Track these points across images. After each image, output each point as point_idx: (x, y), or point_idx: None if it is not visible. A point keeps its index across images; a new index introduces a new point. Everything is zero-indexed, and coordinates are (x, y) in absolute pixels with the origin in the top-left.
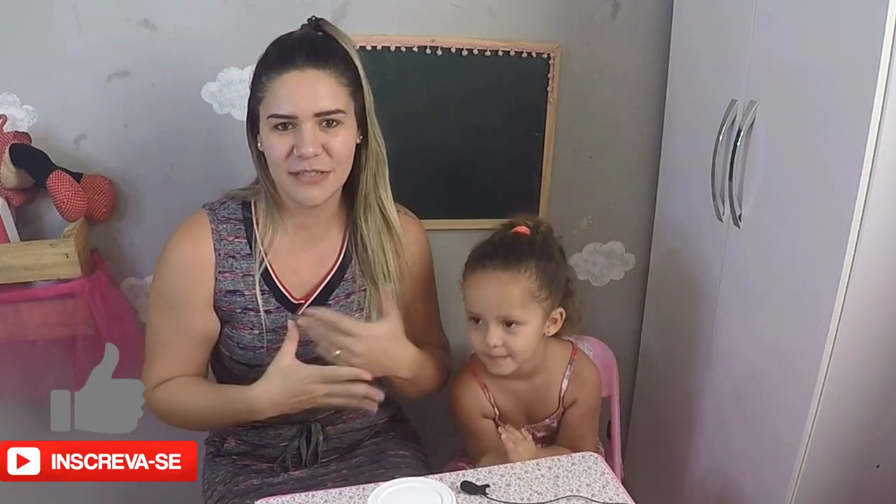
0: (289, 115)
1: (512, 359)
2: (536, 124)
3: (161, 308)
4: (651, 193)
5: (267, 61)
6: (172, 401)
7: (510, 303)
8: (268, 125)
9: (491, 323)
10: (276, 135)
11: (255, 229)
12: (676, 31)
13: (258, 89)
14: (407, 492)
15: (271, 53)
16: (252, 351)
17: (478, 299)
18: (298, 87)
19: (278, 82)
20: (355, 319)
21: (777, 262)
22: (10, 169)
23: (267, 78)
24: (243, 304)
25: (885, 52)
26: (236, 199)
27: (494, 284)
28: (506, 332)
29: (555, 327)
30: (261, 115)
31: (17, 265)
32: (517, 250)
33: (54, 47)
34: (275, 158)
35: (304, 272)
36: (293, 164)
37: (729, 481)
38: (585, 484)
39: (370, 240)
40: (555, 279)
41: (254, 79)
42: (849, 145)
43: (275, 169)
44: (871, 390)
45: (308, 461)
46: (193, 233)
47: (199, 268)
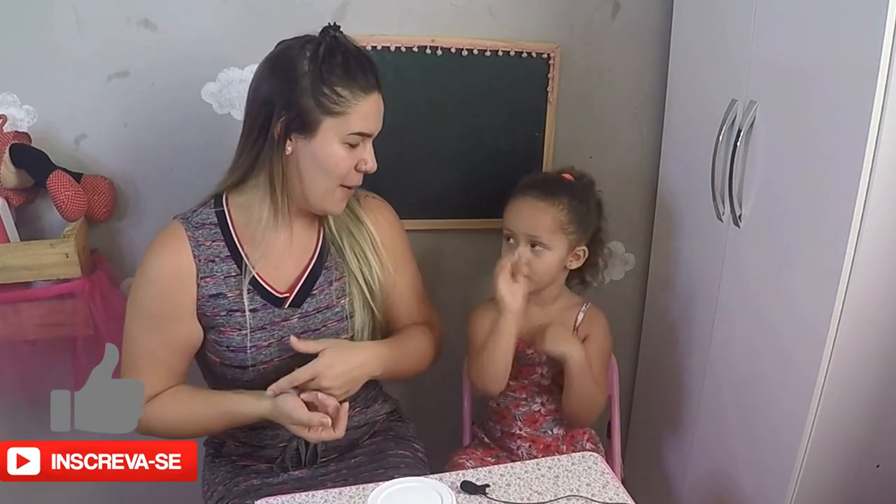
0: (370, 135)
1: (531, 279)
2: (536, 124)
3: (143, 322)
4: (651, 193)
5: (338, 73)
6: (166, 416)
7: (540, 226)
8: (342, 139)
9: (520, 241)
10: (347, 149)
11: (231, 227)
12: (676, 31)
13: (335, 102)
14: (407, 492)
15: (341, 65)
16: (243, 352)
17: (513, 219)
18: (377, 110)
19: (367, 102)
20: (301, 368)
21: (777, 262)
22: (10, 169)
23: (351, 94)
24: (228, 307)
25: (885, 52)
26: (207, 203)
27: (530, 208)
28: (531, 253)
29: (576, 262)
30: (329, 127)
31: (17, 265)
32: (557, 186)
33: (54, 47)
34: (339, 170)
35: (285, 267)
36: (351, 178)
37: (729, 481)
38: (585, 484)
39: (339, 230)
40: (584, 219)
41: (316, 85)
42: (849, 145)
43: (325, 178)
44: (871, 390)
45: (307, 461)
46: (171, 244)
47: (180, 278)
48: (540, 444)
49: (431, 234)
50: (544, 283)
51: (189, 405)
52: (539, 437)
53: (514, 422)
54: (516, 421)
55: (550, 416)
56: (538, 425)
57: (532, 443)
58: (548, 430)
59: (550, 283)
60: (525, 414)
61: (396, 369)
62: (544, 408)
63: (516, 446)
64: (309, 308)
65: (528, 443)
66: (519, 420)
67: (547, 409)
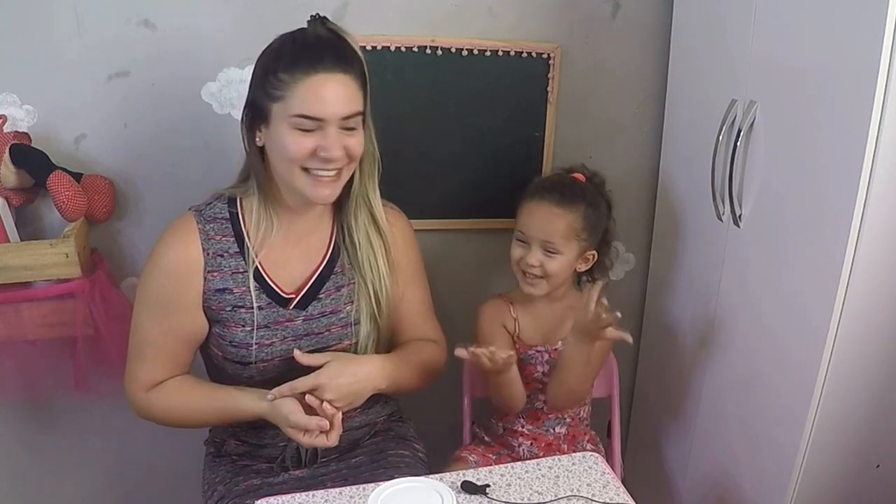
0: (318, 118)
1: (545, 280)
2: (536, 124)
3: (150, 310)
4: (651, 193)
5: (285, 59)
6: (170, 404)
7: (555, 232)
8: (289, 124)
9: (534, 245)
10: (298, 134)
11: (242, 227)
12: (676, 31)
13: (275, 87)
14: (407, 492)
15: (289, 51)
16: (245, 348)
17: (528, 223)
18: (328, 90)
19: (306, 83)
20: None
21: (777, 262)
22: (10, 169)
23: (290, 77)
24: (233, 302)
25: (885, 52)
26: (222, 198)
27: (546, 214)
28: (544, 256)
29: (585, 265)
30: (276, 113)
31: (17, 265)
32: (572, 191)
33: (54, 47)
34: (293, 156)
35: (293, 267)
36: (312, 163)
37: (729, 481)
38: (585, 484)
39: (358, 236)
40: (596, 225)
41: (264, 75)
42: (849, 145)
43: (288, 166)
44: (871, 390)
45: (308, 461)
46: (181, 235)
47: (188, 269)
48: (542, 441)
49: (431, 234)
50: (554, 284)
51: (190, 396)
52: (541, 434)
53: (516, 419)
54: (519, 418)
55: (553, 415)
56: (540, 423)
57: (534, 440)
58: (550, 427)
59: (560, 284)
60: (528, 411)
61: (400, 383)
62: (546, 405)
63: (518, 443)
64: (314, 311)
65: (530, 440)
66: (522, 417)
67: (550, 407)
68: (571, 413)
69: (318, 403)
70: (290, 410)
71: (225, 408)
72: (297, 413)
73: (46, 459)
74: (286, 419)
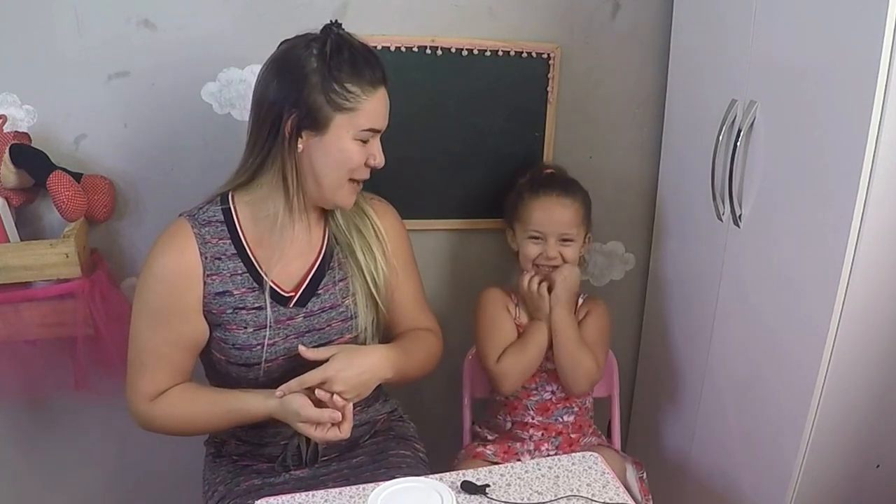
0: (379, 130)
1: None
2: (536, 124)
3: (149, 319)
4: (651, 193)
5: (345, 69)
6: (174, 413)
7: (569, 222)
8: (352, 135)
9: (551, 238)
10: (359, 145)
11: (237, 226)
12: (676, 31)
13: (345, 98)
14: (407, 491)
15: (348, 61)
16: (248, 350)
17: (543, 220)
18: (385, 105)
19: (375, 97)
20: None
21: (777, 262)
22: (10, 169)
23: (360, 90)
24: (234, 304)
25: (885, 52)
26: (214, 200)
27: (558, 207)
28: (561, 246)
29: (585, 248)
30: (340, 122)
31: (17, 265)
32: (567, 181)
33: (54, 47)
34: (354, 166)
35: (290, 265)
36: (361, 172)
37: (729, 482)
38: (585, 484)
39: (349, 227)
40: (589, 208)
41: (323, 81)
42: (849, 145)
43: (342, 174)
44: (871, 390)
45: (308, 460)
46: (177, 241)
47: (187, 276)
48: (552, 431)
49: (431, 234)
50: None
51: (195, 403)
52: (551, 424)
53: (526, 411)
54: (528, 410)
55: (561, 404)
56: (550, 413)
57: (544, 430)
58: (559, 417)
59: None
60: (537, 402)
61: (405, 372)
62: (555, 395)
63: (528, 435)
64: (314, 307)
65: (541, 431)
66: (531, 409)
67: (557, 398)
68: (578, 403)
69: (329, 396)
70: (301, 405)
71: (231, 410)
72: (308, 407)
73: (46, 460)
74: (297, 414)
